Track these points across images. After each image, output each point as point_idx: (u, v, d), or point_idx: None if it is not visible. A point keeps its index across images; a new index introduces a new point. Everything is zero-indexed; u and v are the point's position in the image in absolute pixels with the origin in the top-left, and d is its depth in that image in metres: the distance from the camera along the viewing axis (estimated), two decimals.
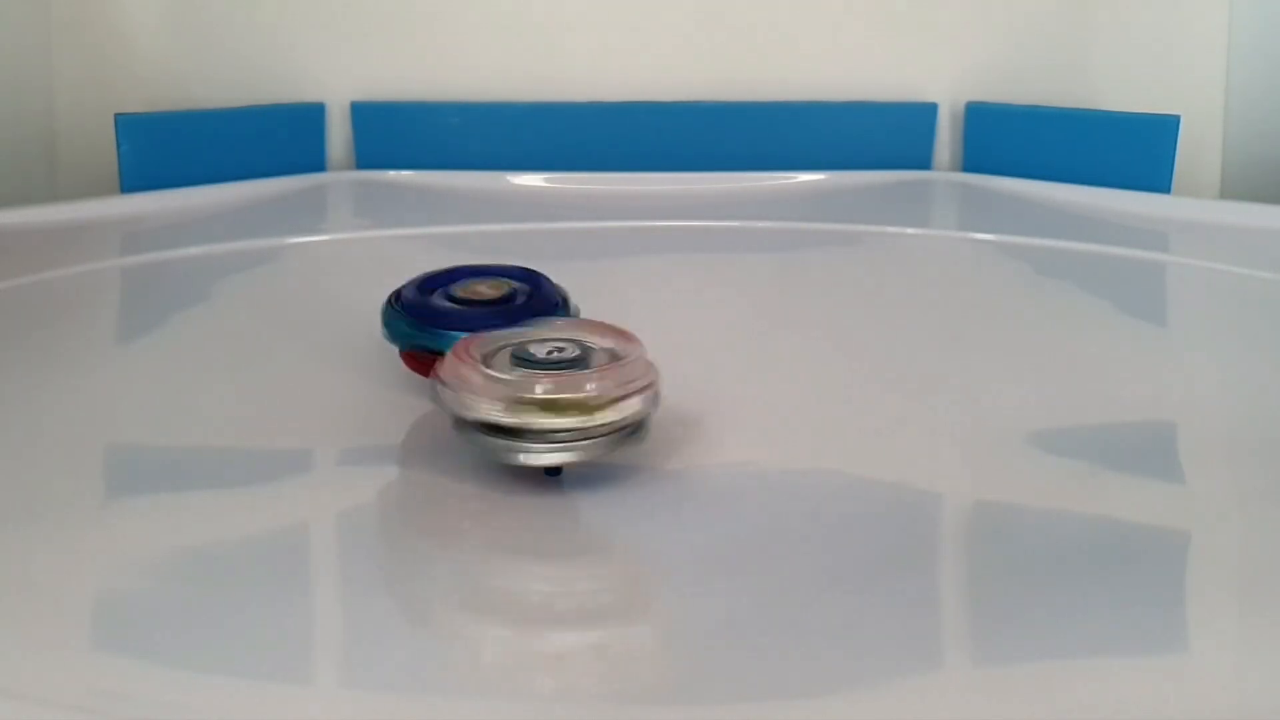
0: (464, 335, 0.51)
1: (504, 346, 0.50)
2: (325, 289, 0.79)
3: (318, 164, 1.02)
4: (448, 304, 0.57)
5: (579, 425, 0.46)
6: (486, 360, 0.49)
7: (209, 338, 0.69)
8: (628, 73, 1.05)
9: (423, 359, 0.56)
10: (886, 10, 1.05)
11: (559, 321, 0.52)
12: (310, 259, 0.85)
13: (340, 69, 1.04)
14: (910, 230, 0.91)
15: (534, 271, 0.59)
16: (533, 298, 0.57)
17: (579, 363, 0.48)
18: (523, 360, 0.48)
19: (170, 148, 0.97)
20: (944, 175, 1.03)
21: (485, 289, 0.57)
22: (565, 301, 0.57)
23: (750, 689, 0.39)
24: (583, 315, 0.57)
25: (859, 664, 0.41)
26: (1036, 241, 0.85)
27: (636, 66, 1.05)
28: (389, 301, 0.58)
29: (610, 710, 0.38)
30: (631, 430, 0.48)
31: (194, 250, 0.83)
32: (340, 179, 1.02)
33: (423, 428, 0.57)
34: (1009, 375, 0.63)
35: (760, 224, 0.92)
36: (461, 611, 0.43)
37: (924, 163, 1.04)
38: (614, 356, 0.49)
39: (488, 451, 0.48)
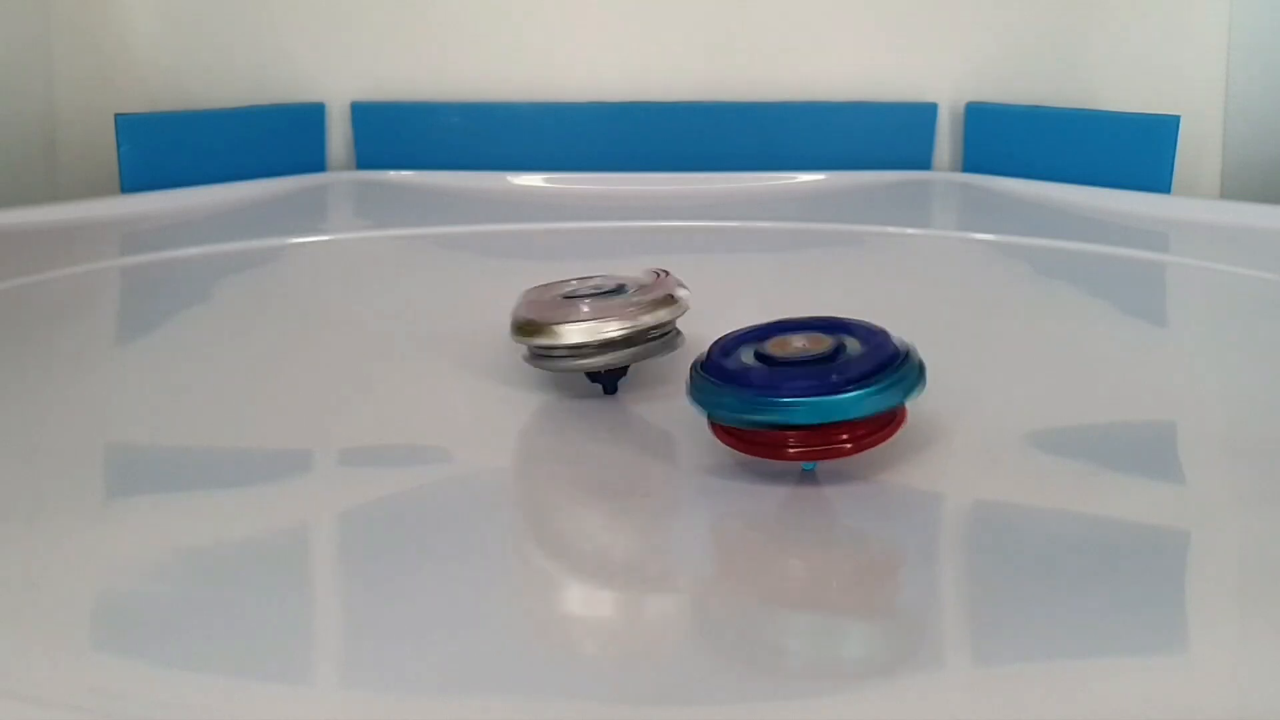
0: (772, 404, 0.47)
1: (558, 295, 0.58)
2: (326, 289, 0.79)
3: (318, 164, 1.03)
4: (756, 363, 0.49)
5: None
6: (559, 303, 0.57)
7: (209, 338, 0.69)
8: (628, 73, 1.05)
9: (731, 432, 0.49)
10: (886, 11, 1.05)
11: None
12: (310, 259, 0.85)
13: (340, 69, 1.04)
14: (910, 230, 0.91)
15: (858, 323, 0.50)
16: (864, 355, 0.48)
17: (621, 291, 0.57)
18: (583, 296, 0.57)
19: (170, 148, 0.97)
20: (944, 175, 1.04)
21: (803, 345, 0.49)
22: (907, 355, 0.49)
23: (750, 688, 0.39)
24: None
25: (859, 663, 0.41)
26: (1036, 241, 0.85)
27: (636, 66, 1.05)
28: (695, 365, 0.51)
29: (610, 710, 0.38)
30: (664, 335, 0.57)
31: (194, 250, 0.83)
32: (340, 179, 1.02)
33: (425, 429, 0.57)
34: (1009, 375, 0.63)
35: (760, 224, 0.92)
36: (461, 609, 0.43)
37: (924, 163, 1.04)
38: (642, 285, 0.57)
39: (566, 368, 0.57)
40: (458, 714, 0.38)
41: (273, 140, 1.01)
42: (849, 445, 0.48)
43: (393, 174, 1.01)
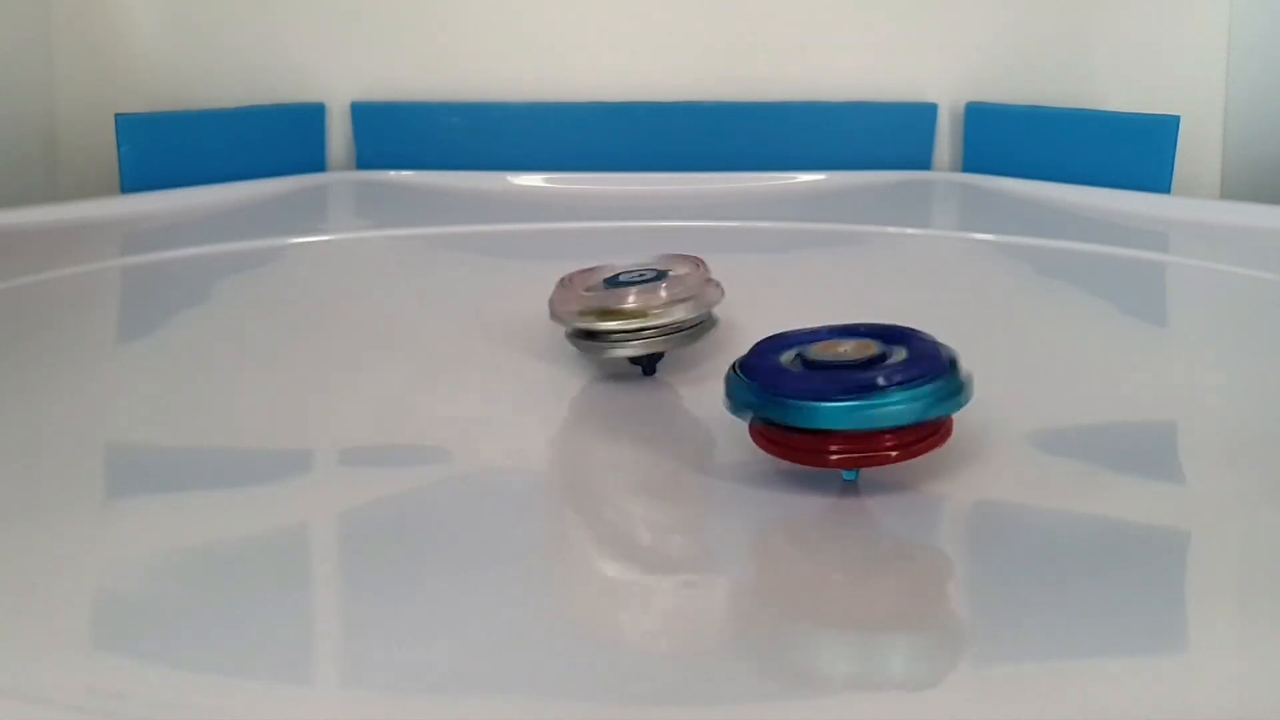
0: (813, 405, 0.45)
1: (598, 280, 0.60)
2: (325, 289, 0.79)
3: (318, 164, 1.02)
4: (800, 368, 0.48)
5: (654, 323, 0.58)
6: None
7: (209, 338, 0.69)
8: (628, 73, 1.05)
9: (771, 438, 0.48)
10: (886, 10, 1.05)
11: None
12: (310, 259, 0.85)
13: (340, 69, 1.04)
14: (910, 230, 0.90)
15: (908, 330, 0.49)
16: (911, 361, 0.47)
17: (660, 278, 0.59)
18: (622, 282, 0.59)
19: (170, 148, 0.97)
20: (944, 175, 1.03)
21: (847, 349, 0.48)
22: (954, 364, 0.48)
23: (749, 689, 0.39)
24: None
25: (858, 663, 0.41)
26: (1036, 241, 0.85)
27: (636, 66, 1.05)
28: (733, 367, 0.49)
29: (609, 710, 0.38)
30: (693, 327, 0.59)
31: (194, 250, 0.83)
32: (340, 179, 1.02)
33: (426, 429, 0.57)
34: (1009, 375, 0.63)
35: (760, 224, 0.91)
36: (463, 607, 0.43)
37: (924, 163, 1.04)
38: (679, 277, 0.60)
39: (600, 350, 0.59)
40: (459, 714, 0.38)
41: (273, 140, 1.01)
42: (895, 453, 0.46)
43: (393, 174, 1.01)
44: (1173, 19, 1.04)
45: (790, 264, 0.85)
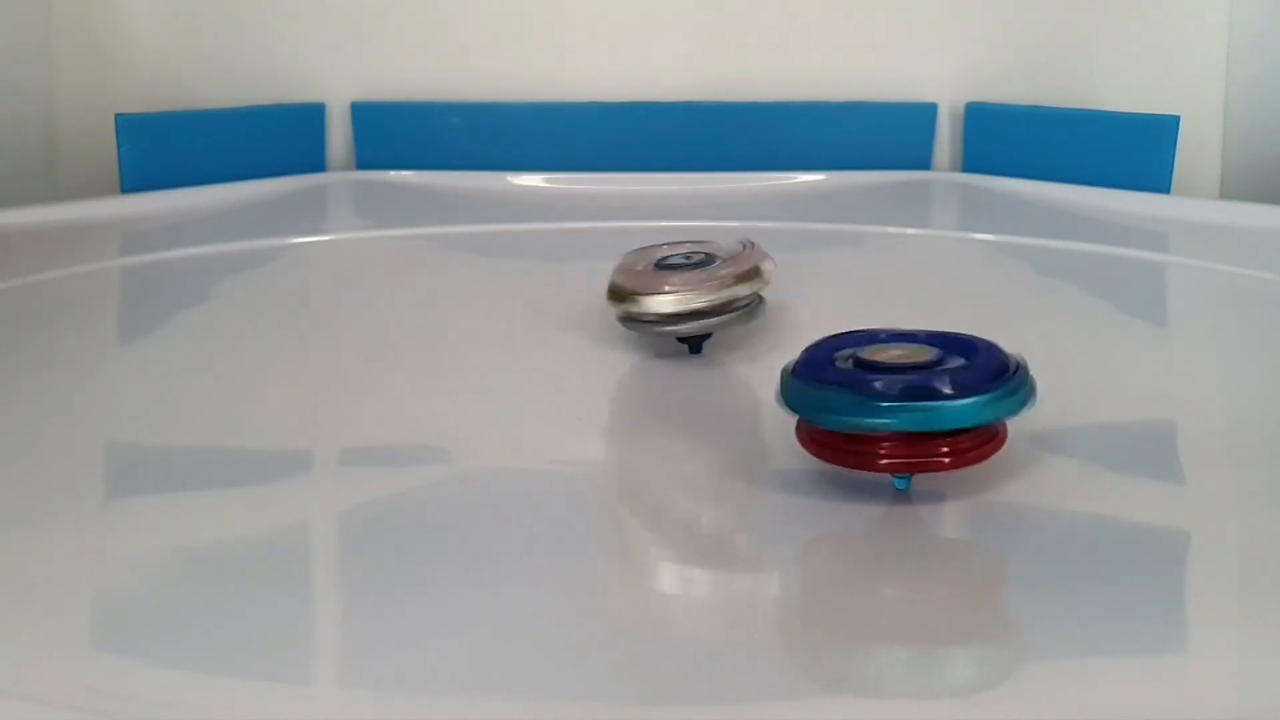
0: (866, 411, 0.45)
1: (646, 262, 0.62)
2: (326, 289, 0.79)
3: (318, 164, 1.02)
4: (852, 367, 0.47)
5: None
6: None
7: (209, 338, 0.69)
8: (628, 73, 1.05)
9: (820, 440, 0.47)
10: (886, 10, 1.05)
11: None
12: (310, 259, 0.85)
13: (340, 69, 1.04)
14: (910, 230, 0.90)
15: (971, 339, 0.49)
16: (970, 367, 0.46)
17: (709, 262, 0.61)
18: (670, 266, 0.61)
19: (170, 148, 0.97)
20: (944, 175, 1.03)
21: (901, 354, 0.47)
22: (1019, 367, 0.48)
23: (748, 689, 0.39)
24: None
25: (857, 664, 0.41)
26: (1036, 241, 0.85)
27: (636, 66, 1.05)
28: (790, 368, 0.48)
29: (610, 710, 0.38)
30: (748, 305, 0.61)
31: (194, 250, 0.83)
32: (340, 179, 1.02)
33: (430, 429, 0.57)
34: None
35: (760, 224, 0.91)
36: (464, 608, 0.43)
37: (924, 163, 1.04)
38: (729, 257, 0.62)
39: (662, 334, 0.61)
40: (461, 714, 0.38)
41: (273, 140, 1.01)
42: (947, 460, 0.46)
43: (393, 174, 1.01)
44: (1173, 19, 1.04)
45: (790, 264, 0.85)
